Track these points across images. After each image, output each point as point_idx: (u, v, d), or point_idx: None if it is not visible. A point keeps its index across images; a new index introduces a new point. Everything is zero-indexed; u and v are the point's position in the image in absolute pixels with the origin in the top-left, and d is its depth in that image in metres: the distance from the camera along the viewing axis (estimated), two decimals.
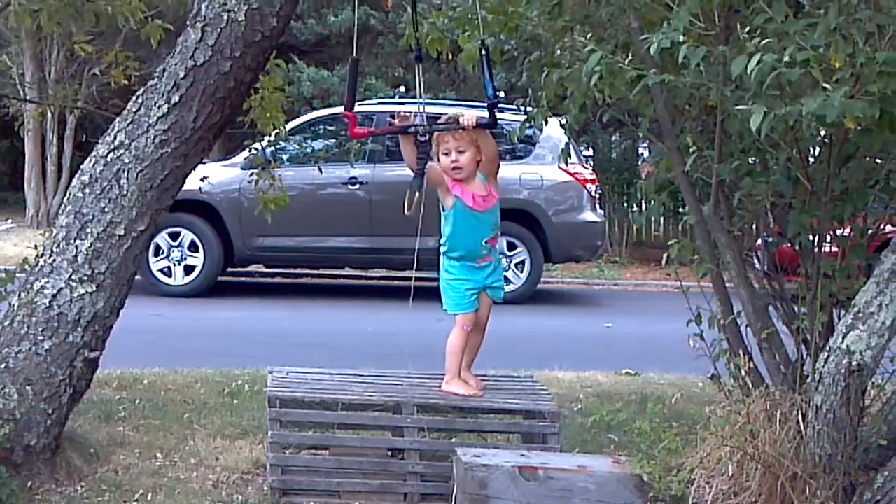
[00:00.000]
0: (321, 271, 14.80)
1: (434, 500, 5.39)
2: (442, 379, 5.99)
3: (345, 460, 5.60)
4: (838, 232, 5.50)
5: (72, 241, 5.38)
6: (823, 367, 4.92)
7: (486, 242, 5.92)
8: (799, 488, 4.92)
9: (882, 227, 5.54)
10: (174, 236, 12.70)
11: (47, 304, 5.34)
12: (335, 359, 6.97)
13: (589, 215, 13.64)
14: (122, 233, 5.39)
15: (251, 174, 8.24)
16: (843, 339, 4.83)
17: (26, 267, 5.53)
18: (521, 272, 13.28)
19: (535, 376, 6.56)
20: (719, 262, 5.73)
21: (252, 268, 14.25)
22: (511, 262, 13.28)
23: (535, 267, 13.36)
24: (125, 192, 5.38)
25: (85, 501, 5.20)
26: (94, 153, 5.51)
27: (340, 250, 13.33)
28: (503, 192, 13.07)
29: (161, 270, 12.72)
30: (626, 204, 19.13)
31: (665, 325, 6.30)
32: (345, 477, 5.51)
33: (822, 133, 5.21)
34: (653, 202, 5.96)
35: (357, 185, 13.13)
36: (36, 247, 5.65)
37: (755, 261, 6.01)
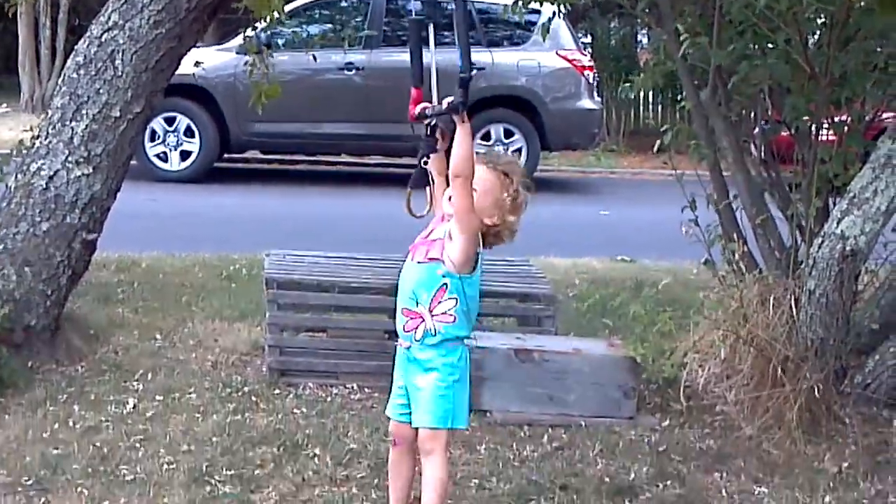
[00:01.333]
0: (318, 157, 14.76)
1: None
2: None
3: (342, 342, 5.67)
4: (836, 118, 5.50)
5: (67, 123, 5.36)
6: (817, 252, 4.96)
7: (402, 312, 3.85)
8: (790, 371, 4.99)
9: (880, 112, 5.54)
10: (170, 121, 12.62)
11: (44, 186, 5.35)
12: (332, 243, 6.99)
13: (587, 102, 13.55)
14: (118, 114, 5.38)
15: (245, 62, 8.17)
16: (838, 224, 4.86)
17: (22, 149, 5.52)
18: (518, 159, 13.24)
19: (531, 261, 6.59)
20: (716, 149, 5.73)
21: (248, 154, 14.20)
22: (508, 149, 13.22)
23: (532, 154, 13.31)
24: (120, 74, 5.35)
25: (85, 381, 5.26)
26: (87, 34, 5.47)
27: (337, 136, 13.27)
28: (501, 78, 13.11)
29: (157, 155, 12.66)
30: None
31: (661, 212, 6.33)
32: (342, 358, 5.57)
33: (822, 16, 5.17)
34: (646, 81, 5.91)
35: (354, 71, 13.02)
36: (31, 129, 5.64)
37: (752, 147, 6.01)
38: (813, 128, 5.46)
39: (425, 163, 3.93)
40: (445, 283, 3.66)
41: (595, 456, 4.72)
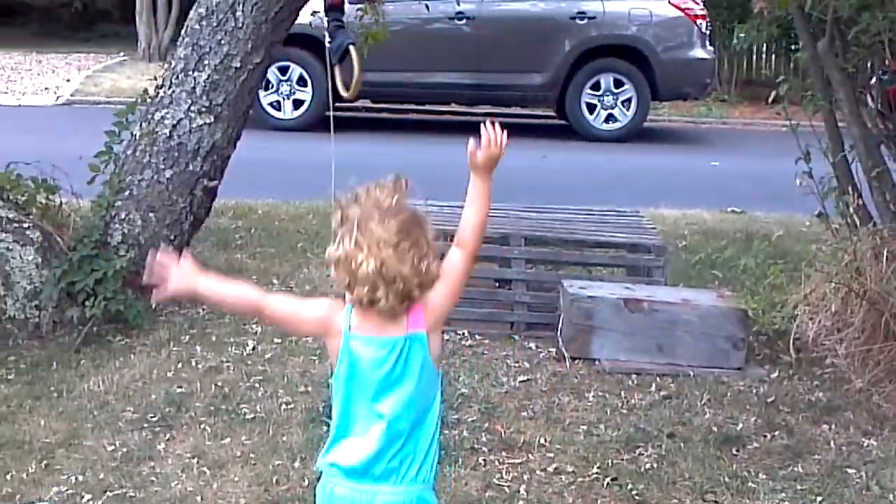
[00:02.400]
0: (427, 107, 14.84)
1: (540, 329, 5.53)
2: (546, 212, 6.09)
3: None
4: None
5: (190, 73, 5.51)
6: None
7: None
8: None
9: None
10: (283, 70, 12.80)
11: (168, 134, 5.51)
12: (441, 192, 7.07)
13: (699, 52, 13.40)
14: (238, 65, 5.51)
15: (357, 9, 8.25)
16: None
17: (146, 98, 5.69)
18: (628, 110, 13.15)
19: (640, 212, 6.61)
20: (831, 100, 5.67)
21: (359, 103, 14.34)
22: (617, 99, 13.17)
23: (643, 104, 13.23)
24: (241, 25, 5.48)
25: (206, 323, 5.45)
26: None
27: (446, 86, 13.33)
28: (612, 27, 13.03)
29: (271, 104, 12.87)
30: (735, 41, 18.71)
31: (773, 164, 6.29)
32: (454, 305, 5.65)
33: None
34: (761, 33, 5.84)
35: (464, 21, 13.04)
36: (155, 78, 5.81)
37: (868, 99, 5.93)
38: None
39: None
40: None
41: (703, 406, 4.76)
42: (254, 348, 5.16)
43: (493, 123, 2.78)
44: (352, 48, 5.44)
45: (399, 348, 2.58)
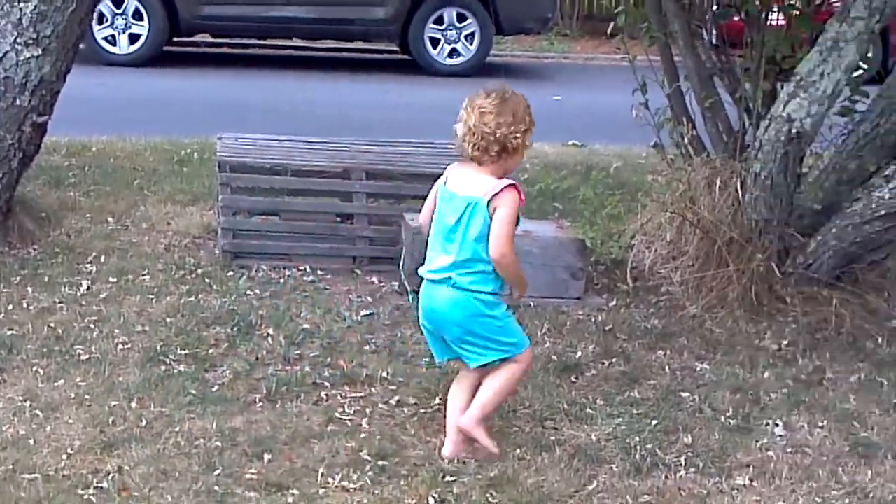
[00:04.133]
0: (268, 41, 14.60)
1: (382, 263, 5.52)
2: (388, 146, 6.06)
3: (295, 225, 5.71)
4: (785, 2, 5.53)
5: (15, 4, 5.27)
6: (764, 134, 5.04)
7: None
8: (735, 252, 5.11)
9: None
10: (118, 3, 12.40)
11: None
12: (284, 127, 6.97)
13: None
14: None
15: None
16: (785, 107, 4.93)
17: None
18: (471, 44, 13.16)
19: None
20: (667, 32, 5.75)
21: (198, 37, 14.02)
22: (461, 34, 13.16)
23: (485, 39, 13.25)
24: None
25: (38, 263, 5.28)
26: None
27: (288, 20, 13.10)
28: None
29: (105, 38, 12.47)
30: None
31: (613, 97, 6.36)
32: (295, 241, 5.62)
33: None
34: None
35: None
36: None
37: (703, 31, 6.04)
38: (763, 12, 5.48)
39: None
40: None
41: (543, 335, 4.83)
42: (88, 288, 5.02)
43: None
44: None
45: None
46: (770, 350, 4.81)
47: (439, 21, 13.07)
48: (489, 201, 3.65)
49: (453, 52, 13.13)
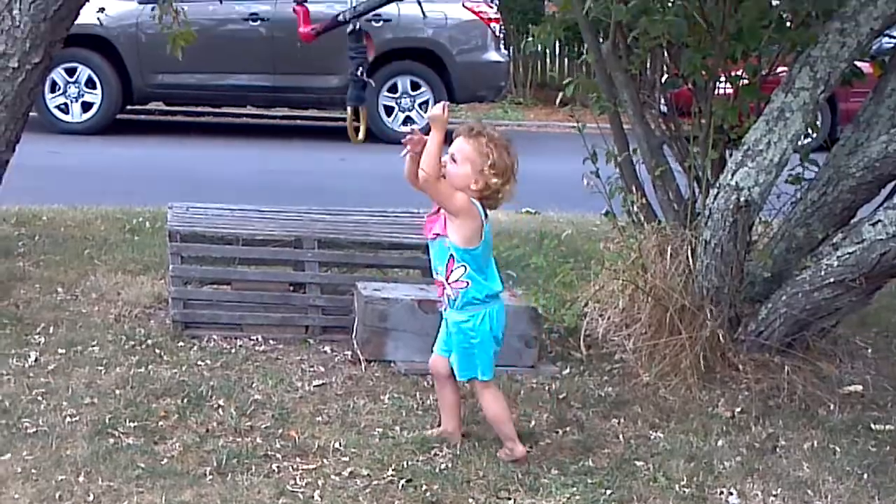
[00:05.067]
0: (223, 109, 14.63)
1: (335, 333, 5.49)
2: (341, 214, 6.07)
3: (246, 294, 5.67)
4: (732, 72, 5.62)
5: None
6: (713, 202, 5.09)
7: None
8: (687, 319, 5.13)
9: (774, 67, 5.66)
10: (71, 72, 12.41)
11: None
12: (236, 196, 6.97)
13: (493, 55, 13.62)
14: (16, 65, 5.30)
15: (152, 7, 8.05)
16: (733, 175, 4.99)
17: None
18: (425, 112, 13.23)
19: None
20: (616, 102, 5.82)
21: (152, 105, 14.03)
22: (415, 101, 13.26)
23: None
24: (17, 24, 5.27)
25: None
26: None
27: (242, 88, 13.15)
28: (408, 29, 13.09)
29: (58, 107, 12.46)
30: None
31: (565, 165, 6.41)
32: (247, 310, 5.58)
33: None
34: (549, 35, 5.97)
35: (258, 21, 12.90)
36: None
37: (652, 101, 6.11)
38: (710, 82, 5.56)
39: (362, 73, 5.05)
40: (452, 255, 4.16)
41: None
42: (36, 359, 4.95)
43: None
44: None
45: None
46: (723, 417, 4.82)
47: (393, 89, 13.16)
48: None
49: (407, 120, 13.21)
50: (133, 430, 4.31)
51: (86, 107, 12.54)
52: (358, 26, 5.76)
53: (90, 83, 12.50)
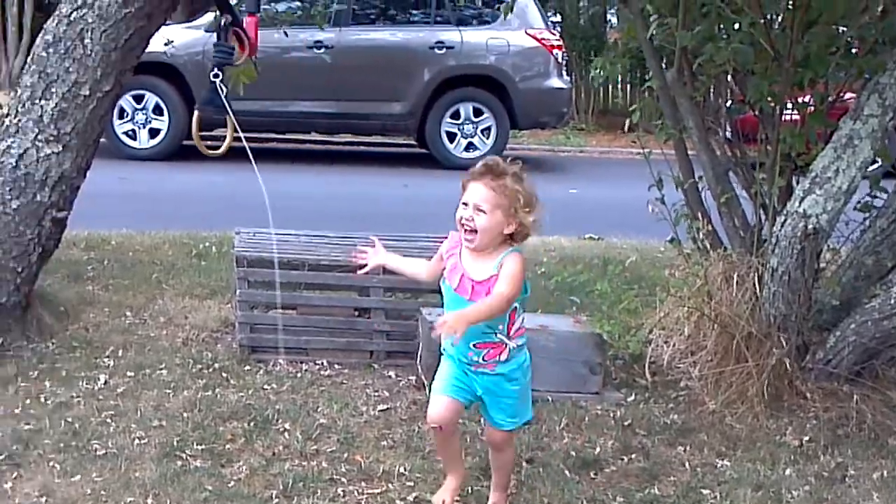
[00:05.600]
0: (287, 136, 14.75)
1: (399, 358, 5.52)
2: (405, 240, 6.09)
3: (312, 319, 5.71)
4: (799, 98, 5.58)
5: (37, 101, 5.36)
6: (780, 230, 5.04)
7: (474, 346, 3.84)
8: (753, 347, 5.08)
9: (842, 94, 5.61)
10: (138, 99, 12.60)
11: (14, 164, 5.34)
12: (301, 222, 7.01)
13: (555, 81, 13.63)
14: (87, 93, 5.37)
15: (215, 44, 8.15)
16: (800, 203, 4.94)
17: None
18: (487, 138, 13.30)
19: None
20: (682, 128, 5.80)
21: (217, 132, 14.18)
22: (477, 128, 13.30)
23: (502, 133, 13.39)
24: (89, 52, 5.35)
25: (56, 357, 5.28)
26: (56, 12, 5.46)
27: (306, 115, 13.28)
28: (470, 57, 13.16)
29: (126, 133, 12.65)
30: (592, 71, 19.06)
31: (629, 191, 6.40)
32: (312, 335, 5.62)
33: None
34: (615, 65, 5.97)
35: (323, 49, 13.03)
36: (0, 107, 5.64)
37: (717, 127, 6.09)
38: (776, 108, 5.53)
39: (216, 76, 4.72)
40: (515, 307, 3.82)
41: (561, 430, 4.79)
42: (105, 382, 5.02)
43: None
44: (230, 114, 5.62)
45: None
46: (791, 446, 4.77)
47: (456, 116, 13.22)
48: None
49: (470, 146, 13.26)
50: (201, 452, 4.35)
51: (153, 133, 12.73)
52: (223, 23, 5.58)
53: (157, 110, 12.69)
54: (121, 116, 12.53)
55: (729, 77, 5.89)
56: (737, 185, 5.78)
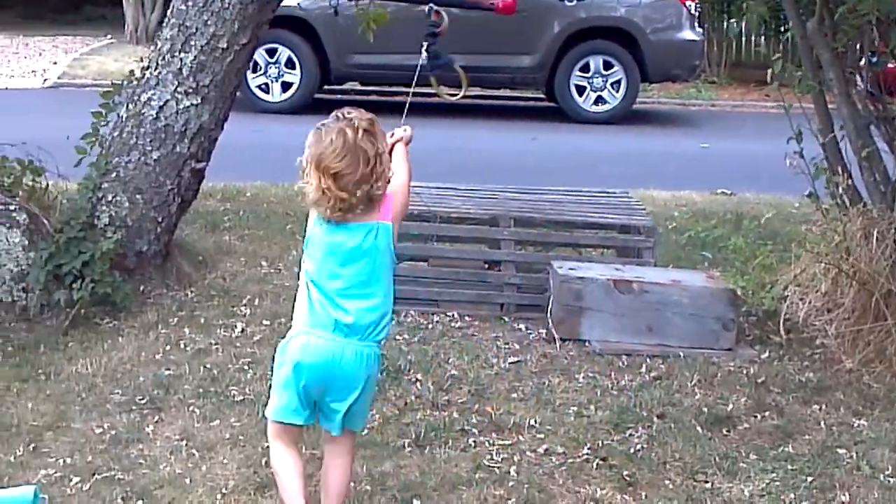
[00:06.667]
0: (416, 89, 14.79)
1: (530, 311, 5.52)
2: (535, 193, 6.08)
3: (443, 271, 5.75)
4: None
5: (176, 54, 5.47)
6: None
7: None
8: (893, 305, 4.97)
9: None
10: (271, 53, 12.74)
11: (154, 116, 5.47)
12: (432, 174, 7.05)
13: (687, 34, 13.36)
14: (225, 46, 5.46)
15: None
16: None
17: (133, 80, 5.64)
18: (617, 91, 13.12)
19: (630, 194, 6.60)
20: (821, 81, 5.65)
21: (348, 85, 14.30)
22: (607, 81, 13.13)
23: (632, 86, 13.19)
24: (227, 6, 5.43)
25: (195, 305, 5.42)
26: None
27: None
28: (601, 9, 13.00)
29: (259, 87, 12.81)
30: (725, 23, 18.69)
31: (762, 146, 6.28)
32: (443, 287, 5.66)
33: None
34: (754, 14, 5.83)
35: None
36: (141, 59, 5.77)
37: (858, 79, 5.92)
38: None
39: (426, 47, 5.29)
40: None
41: (693, 386, 4.76)
42: (243, 330, 5.14)
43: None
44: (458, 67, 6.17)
45: None
46: None
47: (585, 69, 13.07)
48: (391, 220, 3.43)
49: (599, 100, 13.11)
50: None
51: (285, 87, 12.85)
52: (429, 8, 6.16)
53: (290, 63, 12.81)
54: (254, 70, 12.68)
55: (872, 28, 5.70)
56: (878, 139, 5.61)
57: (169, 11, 5.60)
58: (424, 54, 5.76)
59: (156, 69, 5.52)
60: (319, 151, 3.37)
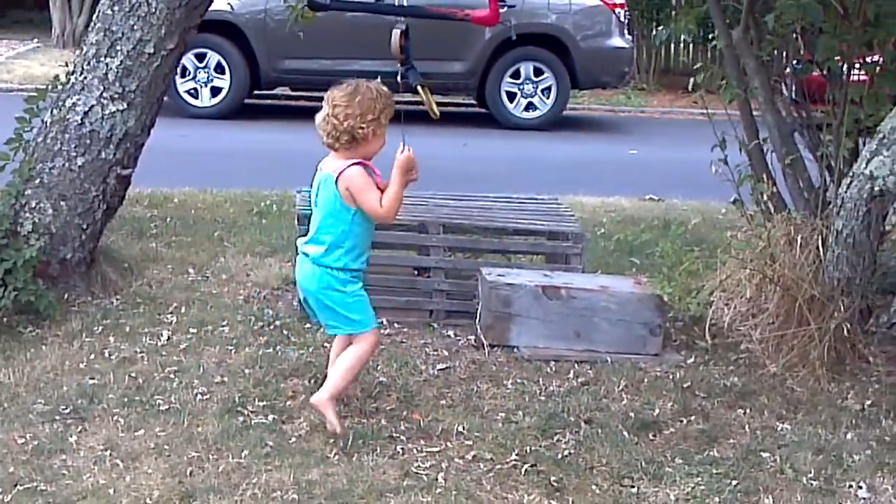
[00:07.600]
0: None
1: (459, 318, 5.52)
2: (465, 200, 6.08)
3: (372, 277, 5.69)
4: (868, 59, 5.49)
5: (102, 59, 5.40)
6: (846, 192, 4.97)
7: None
8: (816, 310, 5.03)
9: None
10: (200, 57, 12.64)
11: (79, 121, 5.40)
12: None
13: (617, 41, 13.49)
14: (152, 51, 5.41)
15: None
16: (867, 164, 4.87)
17: (58, 84, 5.56)
18: (548, 98, 13.20)
19: (559, 200, 6.63)
20: (747, 88, 5.73)
21: (278, 90, 14.23)
22: (537, 87, 13.21)
23: (562, 93, 13.28)
24: (154, 10, 5.37)
25: (120, 313, 5.35)
26: None
27: (368, 74, 13.24)
28: (532, 15, 13.06)
29: (188, 91, 12.72)
30: (654, 30, 18.87)
31: (690, 152, 6.33)
32: (372, 294, 5.58)
33: None
34: (682, 22, 5.90)
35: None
36: (66, 64, 5.69)
37: (783, 87, 6.01)
38: (844, 68, 5.44)
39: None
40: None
41: (620, 391, 4.78)
42: (168, 339, 5.08)
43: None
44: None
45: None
46: (853, 410, 4.72)
47: (516, 75, 13.14)
48: (336, 179, 4.35)
49: (530, 106, 13.18)
50: (262, 408, 4.40)
51: (215, 91, 12.77)
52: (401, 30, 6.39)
53: (219, 69, 12.73)
54: (183, 75, 12.58)
55: (797, 36, 5.80)
56: (802, 147, 5.70)
57: (95, 16, 5.53)
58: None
59: (81, 74, 5.45)
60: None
